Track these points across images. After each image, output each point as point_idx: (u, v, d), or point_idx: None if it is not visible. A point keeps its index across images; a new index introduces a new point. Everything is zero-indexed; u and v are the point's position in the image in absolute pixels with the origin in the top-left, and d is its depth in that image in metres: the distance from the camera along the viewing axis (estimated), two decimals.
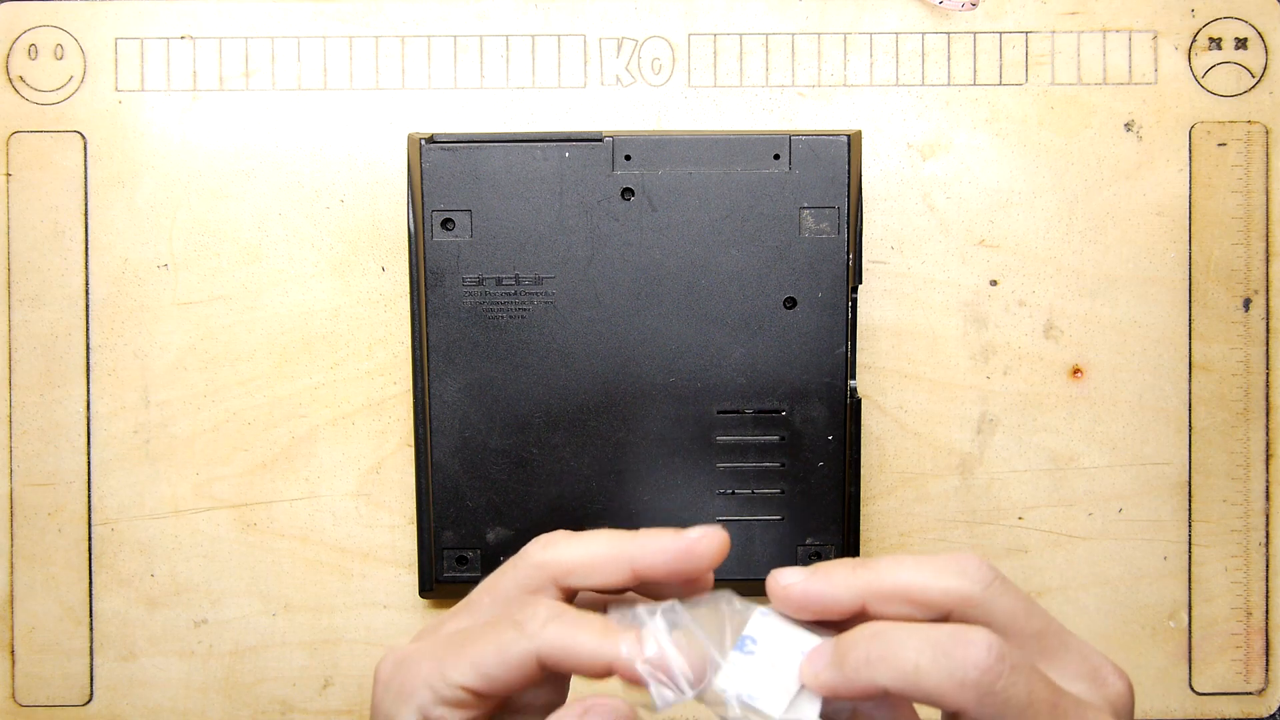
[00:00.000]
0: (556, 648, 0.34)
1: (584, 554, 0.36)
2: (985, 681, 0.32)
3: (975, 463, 0.55)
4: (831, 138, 0.50)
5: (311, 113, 0.54)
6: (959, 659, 0.32)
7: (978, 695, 0.32)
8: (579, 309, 0.51)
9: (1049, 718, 0.33)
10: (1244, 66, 0.55)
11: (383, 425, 0.54)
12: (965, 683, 0.32)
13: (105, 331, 0.54)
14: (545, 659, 0.35)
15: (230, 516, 0.54)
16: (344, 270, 0.54)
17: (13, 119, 0.54)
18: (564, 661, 0.35)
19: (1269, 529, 0.55)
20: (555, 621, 0.35)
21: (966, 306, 0.54)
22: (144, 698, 0.54)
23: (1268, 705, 0.55)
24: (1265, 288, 0.55)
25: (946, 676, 0.32)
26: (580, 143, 0.50)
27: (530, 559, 0.36)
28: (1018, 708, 0.32)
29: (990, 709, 0.32)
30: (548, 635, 0.35)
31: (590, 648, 0.34)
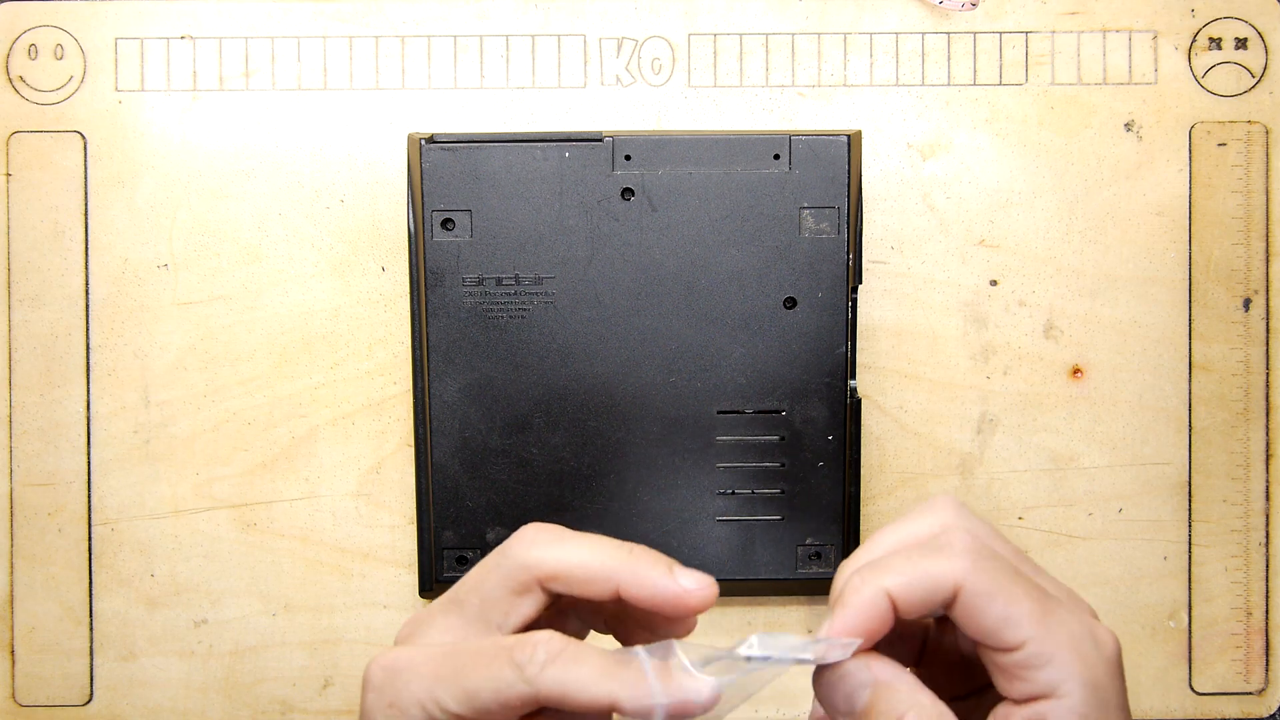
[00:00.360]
0: (556, 692, 0.34)
1: (572, 563, 0.36)
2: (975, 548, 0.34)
3: (975, 463, 0.55)
4: (831, 138, 0.50)
5: (311, 113, 0.54)
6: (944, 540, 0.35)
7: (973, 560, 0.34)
8: (579, 309, 0.51)
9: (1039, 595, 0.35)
10: (1244, 66, 0.55)
11: (383, 425, 0.54)
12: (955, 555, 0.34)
13: (105, 331, 0.54)
14: (545, 701, 0.34)
15: (230, 516, 0.54)
16: (344, 270, 0.54)
17: (13, 119, 0.54)
18: (563, 704, 0.34)
19: (1269, 529, 0.55)
20: (554, 664, 0.34)
21: (966, 306, 0.54)
22: (144, 698, 0.54)
23: (1268, 705, 0.55)
24: (1265, 288, 0.55)
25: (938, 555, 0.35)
26: (580, 143, 0.50)
27: (516, 558, 0.36)
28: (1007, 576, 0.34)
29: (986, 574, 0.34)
30: (547, 679, 0.34)
31: (591, 692, 0.34)
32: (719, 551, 0.52)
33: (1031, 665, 0.34)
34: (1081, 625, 0.35)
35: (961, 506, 0.37)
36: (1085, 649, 0.35)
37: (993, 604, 0.34)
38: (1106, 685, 0.35)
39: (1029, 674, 0.35)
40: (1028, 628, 0.34)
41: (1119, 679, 0.36)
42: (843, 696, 0.35)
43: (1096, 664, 0.35)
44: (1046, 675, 0.34)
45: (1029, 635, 0.34)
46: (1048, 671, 0.34)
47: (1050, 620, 0.35)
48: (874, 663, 0.35)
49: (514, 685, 0.34)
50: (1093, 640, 0.35)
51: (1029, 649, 0.34)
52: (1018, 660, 0.34)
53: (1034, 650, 0.34)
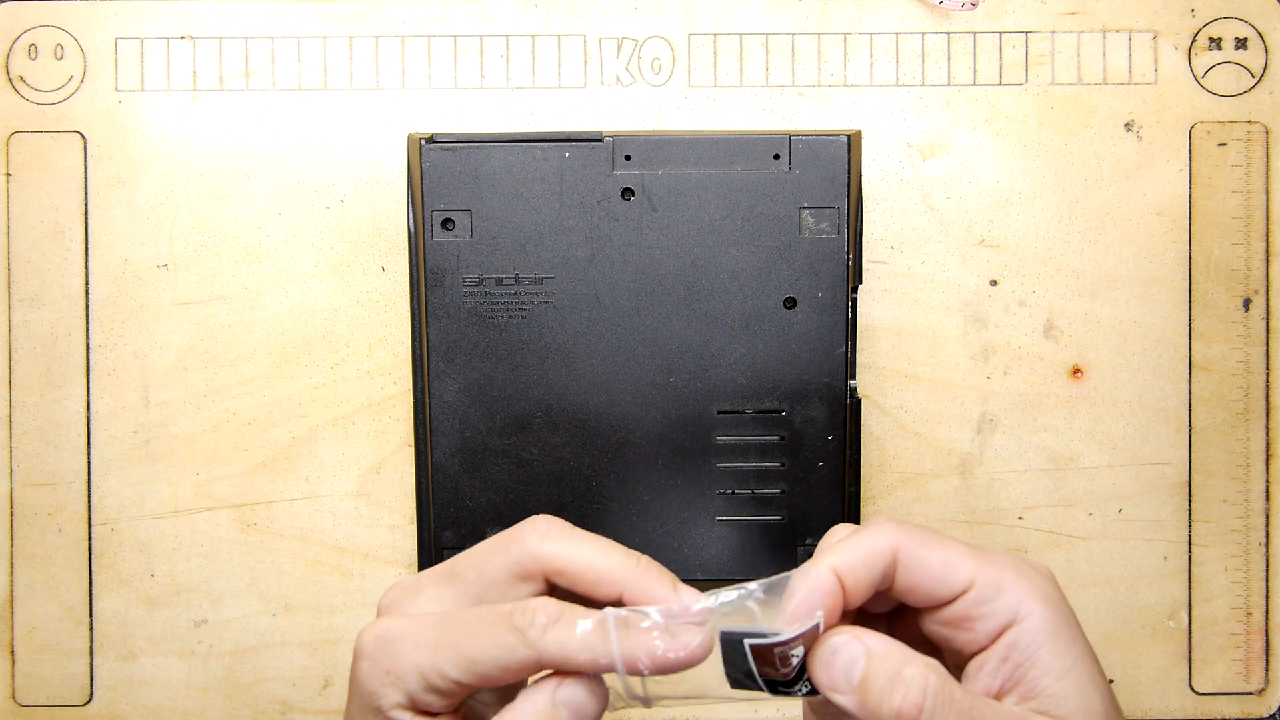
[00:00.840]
0: (558, 655, 0.35)
1: (583, 562, 0.36)
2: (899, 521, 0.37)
3: (975, 463, 0.55)
4: (831, 138, 0.50)
5: (311, 113, 0.54)
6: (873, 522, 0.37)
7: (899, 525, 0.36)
8: (579, 309, 0.51)
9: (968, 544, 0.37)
10: (1244, 66, 0.55)
11: (383, 425, 0.54)
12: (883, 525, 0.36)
13: (105, 331, 0.54)
14: (546, 665, 0.35)
15: (230, 516, 0.54)
16: (344, 270, 0.54)
17: (13, 119, 0.54)
18: (565, 667, 0.35)
19: (1269, 529, 0.55)
20: (555, 628, 0.35)
21: (966, 306, 0.54)
22: (144, 698, 0.54)
23: (1268, 705, 0.55)
24: (1265, 288, 0.55)
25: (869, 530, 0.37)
26: (580, 143, 0.50)
27: (527, 547, 0.37)
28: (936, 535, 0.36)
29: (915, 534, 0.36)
30: (549, 643, 0.35)
31: (593, 653, 0.35)
32: (719, 551, 0.52)
33: (985, 599, 0.36)
34: (1014, 557, 0.37)
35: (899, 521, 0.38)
36: (1028, 573, 0.36)
37: (930, 553, 0.36)
38: (1059, 601, 0.36)
39: (986, 609, 0.36)
40: (969, 565, 0.36)
41: (1063, 596, 0.37)
42: (840, 672, 0.36)
43: (1043, 583, 0.36)
44: (1003, 602, 0.36)
45: (973, 570, 0.36)
46: (1003, 598, 0.36)
47: (986, 555, 0.36)
48: (864, 635, 0.36)
49: (516, 650, 0.35)
50: (1031, 567, 0.37)
51: (978, 584, 0.36)
52: (971, 601, 0.36)
53: (983, 583, 0.36)
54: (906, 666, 0.35)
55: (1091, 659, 0.36)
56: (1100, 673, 0.36)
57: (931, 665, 0.35)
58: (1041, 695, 0.35)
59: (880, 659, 0.35)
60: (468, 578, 0.37)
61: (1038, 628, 0.36)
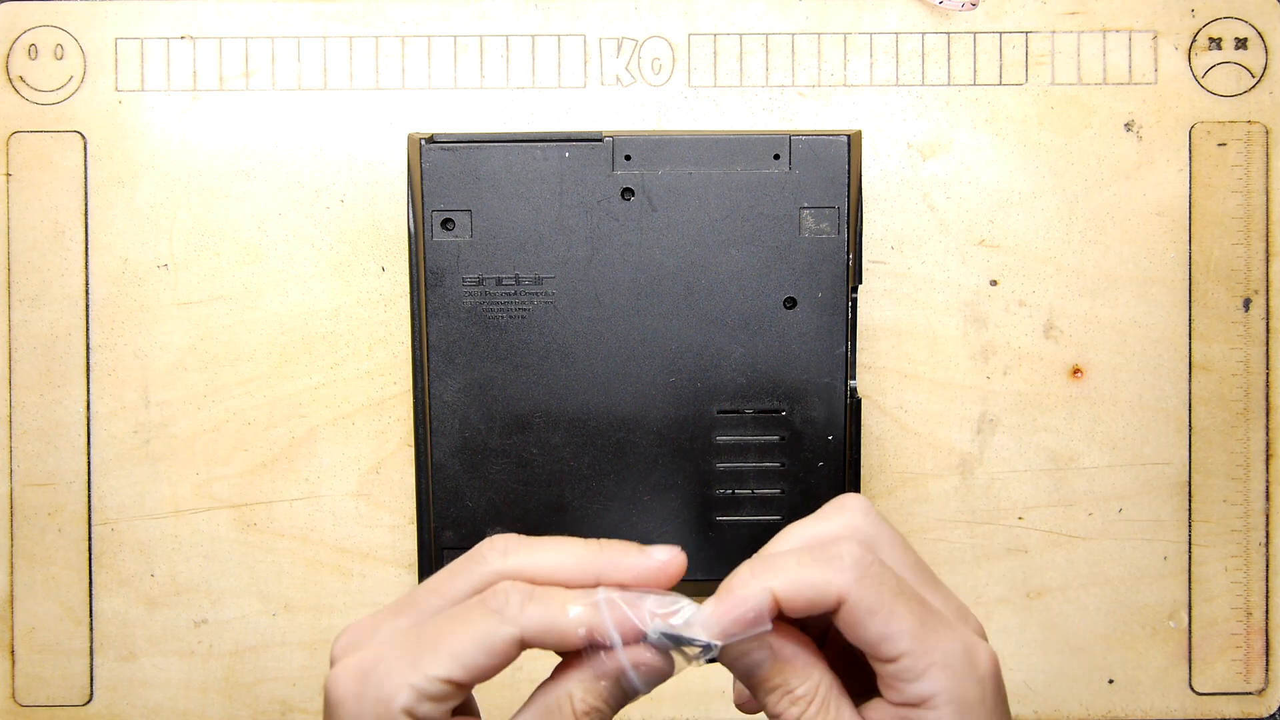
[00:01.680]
0: (539, 629, 0.35)
1: (550, 566, 0.37)
2: (864, 562, 0.36)
3: (975, 463, 0.55)
4: (831, 138, 0.50)
5: (311, 113, 0.54)
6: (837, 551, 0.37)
7: (858, 575, 0.36)
8: (579, 309, 0.51)
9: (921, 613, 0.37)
10: (1244, 66, 0.55)
11: (383, 425, 0.54)
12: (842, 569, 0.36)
13: (105, 331, 0.54)
14: (529, 640, 0.36)
15: (230, 516, 0.54)
16: (344, 270, 0.54)
17: (13, 119, 0.54)
18: (546, 640, 0.36)
19: (1269, 529, 0.55)
20: (531, 603, 0.36)
21: (966, 306, 0.54)
22: (144, 698, 0.54)
23: (1268, 705, 0.55)
24: (1265, 288, 0.55)
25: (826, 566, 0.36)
26: (580, 143, 0.50)
27: (490, 565, 0.37)
28: (891, 592, 0.36)
29: (869, 591, 0.36)
30: (528, 618, 0.35)
31: (570, 622, 0.36)
32: (719, 551, 0.52)
33: (905, 679, 0.36)
34: (958, 643, 0.37)
35: (870, 511, 0.39)
36: (959, 667, 0.37)
37: (873, 619, 0.36)
38: (976, 702, 0.37)
39: (903, 685, 0.37)
40: (905, 643, 0.36)
41: (994, 694, 0.38)
42: (745, 668, 0.37)
43: (968, 681, 0.37)
44: (918, 688, 0.36)
45: (905, 650, 0.36)
46: (920, 685, 0.36)
47: (928, 638, 0.37)
48: (775, 638, 0.37)
49: (498, 631, 0.35)
50: (968, 659, 0.37)
51: (904, 663, 0.36)
52: (893, 671, 0.37)
53: (908, 665, 0.36)
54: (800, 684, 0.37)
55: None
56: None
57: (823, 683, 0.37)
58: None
59: (782, 667, 0.37)
60: (429, 604, 0.37)
61: None
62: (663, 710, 0.55)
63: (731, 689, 0.41)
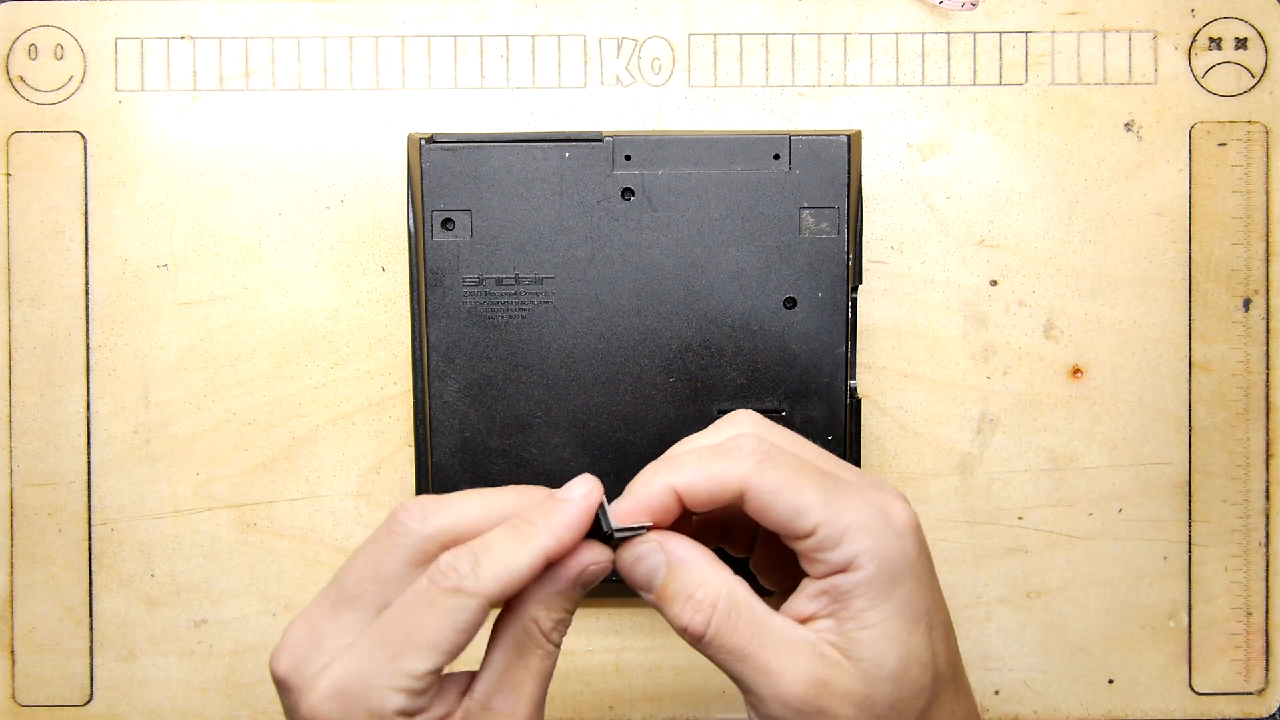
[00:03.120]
0: (500, 586, 0.36)
1: (469, 520, 0.37)
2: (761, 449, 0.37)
3: (975, 463, 0.55)
4: (831, 138, 0.50)
5: (311, 113, 0.54)
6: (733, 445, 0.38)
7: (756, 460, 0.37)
8: (579, 309, 0.51)
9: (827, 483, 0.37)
10: (1244, 66, 0.55)
11: (383, 425, 0.54)
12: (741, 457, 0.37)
13: (105, 331, 0.54)
14: (496, 600, 0.36)
15: (230, 516, 0.54)
16: (344, 270, 0.54)
17: (13, 119, 0.54)
18: (509, 592, 0.36)
19: (1269, 529, 0.55)
20: (480, 564, 0.36)
21: (966, 306, 0.54)
22: (144, 698, 0.54)
23: (1268, 705, 0.55)
24: (1265, 288, 0.55)
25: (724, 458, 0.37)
26: (580, 143, 0.50)
27: (415, 531, 0.37)
28: (792, 469, 0.37)
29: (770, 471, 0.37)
30: (485, 581, 0.36)
31: (525, 560, 0.36)
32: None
33: (824, 548, 0.37)
34: (870, 504, 0.38)
35: (761, 418, 0.40)
36: (875, 525, 0.37)
37: (780, 497, 0.37)
38: (898, 556, 0.37)
39: (823, 555, 0.37)
40: (816, 514, 0.37)
41: (914, 548, 0.38)
42: (643, 576, 0.38)
43: (886, 537, 0.37)
44: (839, 554, 0.37)
45: (818, 520, 0.37)
46: (840, 550, 0.37)
47: (838, 504, 0.37)
48: (668, 542, 0.38)
49: (464, 605, 0.36)
50: (883, 517, 0.37)
51: (820, 534, 0.37)
52: (813, 545, 0.37)
53: (825, 534, 0.37)
54: (698, 589, 0.37)
55: (918, 622, 0.37)
56: (928, 638, 0.38)
57: (725, 585, 0.37)
58: (844, 635, 0.37)
59: (678, 572, 0.38)
60: (366, 592, 0.37)
61: (860, 581, 0.37)
62: (663, 710, 0.55)
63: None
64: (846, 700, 0.37)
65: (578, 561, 0.37)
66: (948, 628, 0.40)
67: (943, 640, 0.39)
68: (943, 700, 0.39)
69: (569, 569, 0.37)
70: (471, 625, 0.36)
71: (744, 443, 0.38)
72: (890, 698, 0.37)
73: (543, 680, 0.38)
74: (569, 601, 0.38)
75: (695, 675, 0.55)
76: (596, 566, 0.38)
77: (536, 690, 0.38)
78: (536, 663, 0.38)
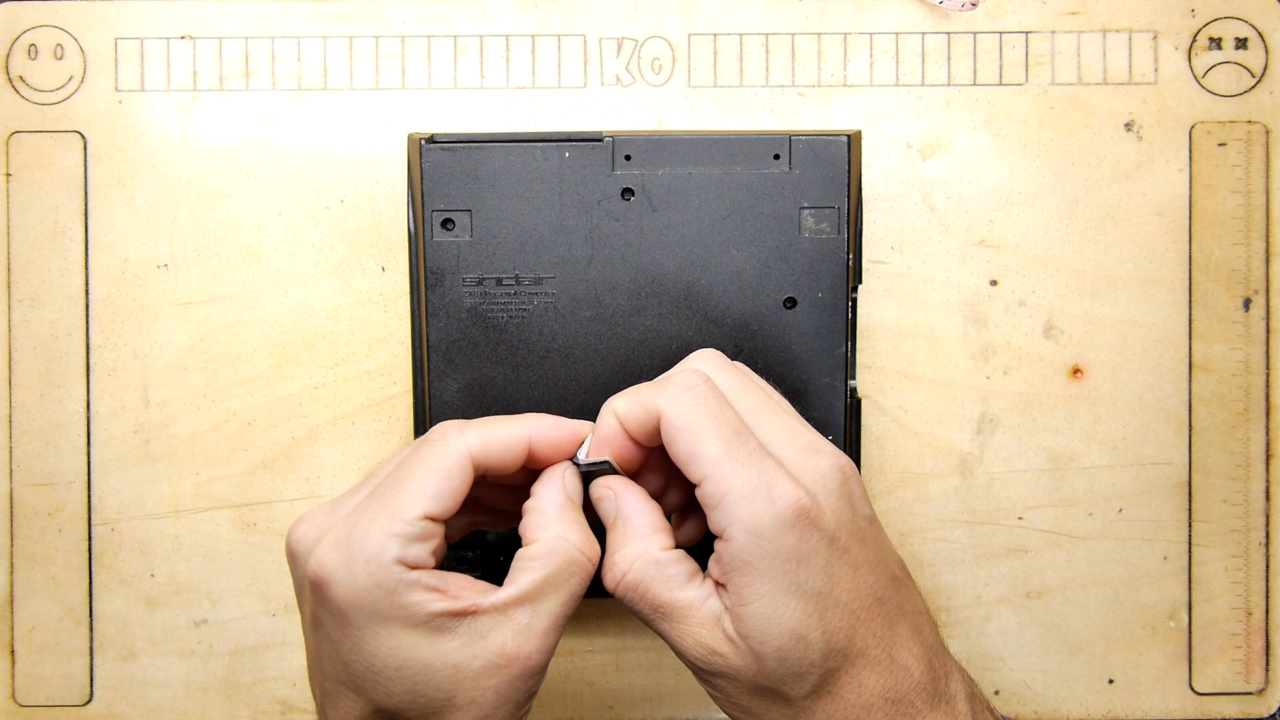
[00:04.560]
0: (481, 443, 0.39)
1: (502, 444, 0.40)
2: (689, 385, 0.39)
3: (975, 463, 0.55)
4: (831, 138, 0.50)
5: (311, 113, 0.54)
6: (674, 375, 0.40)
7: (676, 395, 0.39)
8: (579, 309, 0.51)
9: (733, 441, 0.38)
10: (1244, 66, 0.55)
11: (383, 425, 0.54)
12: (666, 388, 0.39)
13: (105, 331, 0.54)
14: (476, 457, 0.38)
15: (230, 516, 0.54)
16: (344, 270, 0.54)
17: (13, 119, 0.54)
18: (492, 453, 0.39)
19: (1269, 529, 0.55)
20: (468, 428, 0.39)
21: (966, 306, 0.54)
22: (144, 698, 0.54)
23: (1268, 705, 0.55)
24: (1265, 288, 0.55)
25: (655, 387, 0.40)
26: (580, 143, 0.50)
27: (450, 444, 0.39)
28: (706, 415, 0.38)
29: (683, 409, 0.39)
30: (470, 436, 0.39)
31: (509, 431, 0.39)
32: None
33: (708, 504, 0.38)
34: (761, 476, 0.38)
35: (719, 356, 0.42)
36: (754, 499, 0.38)
37: (682, 437, 0.38)
38: (771, 533, 0.38)
39: (708, 511, 0.38)
40: (706, 466, 0.38)
41: (792, 529, 0.38)
42: (603, 515, 0.41)
43: (761, 514, 0.38)
44: (715, 517, 0.38)
45: (706, 474, 0.38)
46: (717, 513, 0.38)
47: (729, 466, 0.38)
48: (624, 495, 0.41)
49: (447, 454, 0.38)
50: (766, 493, 0.38)
51: (705, 488, 0.38)
52: (701, 496, 0.38)
53: (709, 490, 0.38)
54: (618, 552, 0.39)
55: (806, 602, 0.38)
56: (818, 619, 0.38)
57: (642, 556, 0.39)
58: (732, 611, 0.38)
59: (618, 525, 0.40)
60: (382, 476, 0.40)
61: (734, 552, 0.38)
62: (663, 710, 0.55)
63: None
64: (738, 669, 0.39)
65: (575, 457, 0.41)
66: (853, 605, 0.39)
67: (841, 618, 0.39)
68: (850, 674, 0.39)
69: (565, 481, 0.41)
70: (454, 473, 0.38)
71: (683, 377, 0.40)
72: (778, 672, 0.38)
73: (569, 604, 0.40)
74: None
75: None
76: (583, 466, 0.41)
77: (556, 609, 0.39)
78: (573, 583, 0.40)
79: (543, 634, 0.39)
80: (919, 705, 0.40)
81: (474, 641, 0.38)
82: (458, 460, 0.38)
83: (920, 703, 0.40)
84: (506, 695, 0.38)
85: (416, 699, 0.38)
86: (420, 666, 0.37)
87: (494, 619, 0.38)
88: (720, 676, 0.39)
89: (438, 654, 0.37)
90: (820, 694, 0.39)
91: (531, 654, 0.38)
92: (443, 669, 0.37)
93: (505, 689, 0.38)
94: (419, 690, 0.38)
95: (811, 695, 0.39)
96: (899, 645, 0.40)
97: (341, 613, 0.37)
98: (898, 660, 0.40)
